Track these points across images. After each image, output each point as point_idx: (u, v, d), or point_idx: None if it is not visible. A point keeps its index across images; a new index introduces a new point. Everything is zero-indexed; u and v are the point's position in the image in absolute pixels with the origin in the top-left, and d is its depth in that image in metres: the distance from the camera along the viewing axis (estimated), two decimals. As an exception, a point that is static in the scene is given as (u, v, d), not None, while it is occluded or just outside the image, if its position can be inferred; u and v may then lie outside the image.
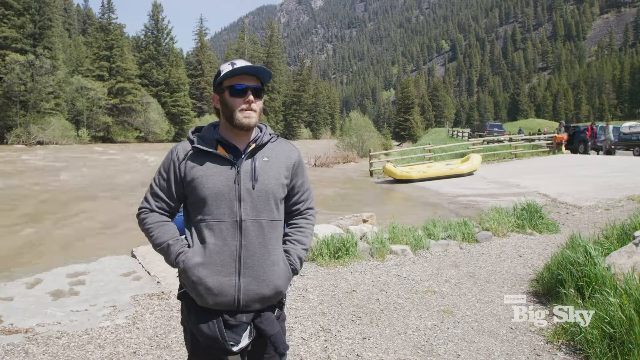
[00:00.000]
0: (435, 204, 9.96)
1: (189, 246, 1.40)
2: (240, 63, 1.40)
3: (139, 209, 1.47)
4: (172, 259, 1.39)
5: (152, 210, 1.45)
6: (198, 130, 1.49)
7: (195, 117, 61.45)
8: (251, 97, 1.39)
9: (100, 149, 35.71)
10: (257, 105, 1.41)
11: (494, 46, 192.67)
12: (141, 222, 1.45)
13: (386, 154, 21.01)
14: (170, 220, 1.47)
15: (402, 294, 3.81)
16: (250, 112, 1.39)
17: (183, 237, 1.44)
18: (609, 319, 2.58)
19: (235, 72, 1.38)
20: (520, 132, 37.88)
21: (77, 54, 54.82)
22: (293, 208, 1.53)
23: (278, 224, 1.45)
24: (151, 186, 1.47)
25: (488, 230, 5.93)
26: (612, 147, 19.73)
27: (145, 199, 1.47)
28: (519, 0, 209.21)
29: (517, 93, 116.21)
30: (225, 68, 1.41)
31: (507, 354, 2.75)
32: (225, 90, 1.40)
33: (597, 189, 9.48)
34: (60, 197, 11.74)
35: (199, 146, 1.40)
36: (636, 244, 3.46)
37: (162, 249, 1.40)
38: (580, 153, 20.89)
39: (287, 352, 1.48)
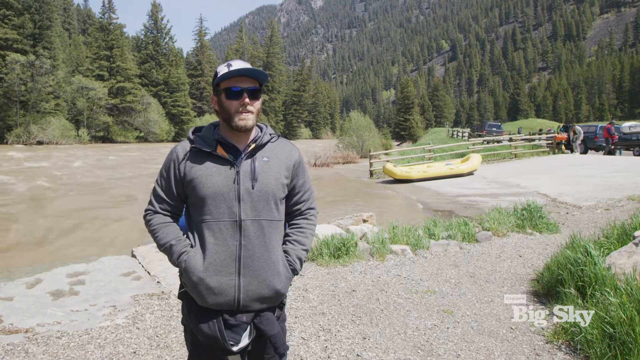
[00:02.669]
0: (435, 204, 9.96)
1: (191, 246, 1.40)
2: (237, 64, 1.39)
3: (145, 211, 1.49)
4: (174, 259, 1.39)
5: (156, 212, 1.46)
6: (198, 130, 1.50)
7: (195, 117, 61.47)
8: (247, 100, 1.38)
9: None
10: (254, 106, 1.41)
11: (494, 46, 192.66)
12: (147, 224, 1.47)
13: (386, 154, 21.00)
14: (173, 220, 1.48)
15: (402, 294, 3.81)
16: (247, 115, 1.39)
17: (185, 237, 1.45)
18: (609, 319, 2.58)
19: (231, 74, 1.38)
20: (519, 132, 37.97)
21: (77, 54, 54.87)
22: (294, 208, 1.53)
23: (278, 224, 1.45)
24: (154, 188, 1.48)
25: (488, 230, 5.93)
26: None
27: (150, 201, 1.49)
28: (519, 0, 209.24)
29: (517, 93, 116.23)
30: (222, 70, 1.41)
31: (507, 353, 2.75)
32: (222, 92, 1.41)
33: (597, 189, 9.47)
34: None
35: (198, 146, 1.40)
36: (636, 244, 3.46)
37: (166, 249, 1.41)
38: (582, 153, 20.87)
39: (287, 352, 1.48)
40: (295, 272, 1.46)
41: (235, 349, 1.34)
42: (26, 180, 14.91)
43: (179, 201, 1.46)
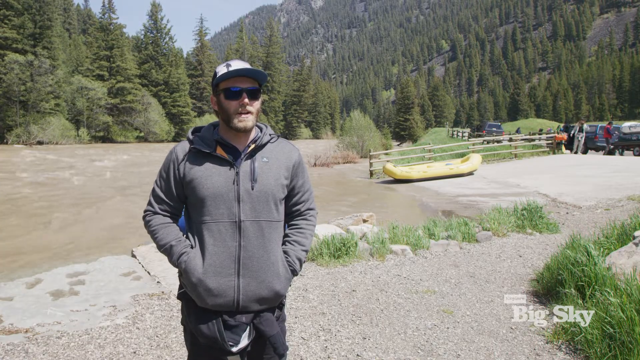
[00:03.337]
0: (435, 204, 9.96)
1: (192, 247, 1.40)
2: (236, 64, 1.39)
3: (144, 211, 1.49)
4: (174, 260, 1.39)
5: (156, 213, 1.46)
6: (198, 130, 1.49)
7: (195, 117, 61.43)
8: (246, 100, 1.38)
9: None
10: (254, 106, 1.41)
11: (494, 46, 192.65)
12: (146, 225, 1.47)
13: (386, 154, 21.00)
14: (173, 221, 1.47)
15: (402, 294, 3.81)
16: (246, 116, 1.39)
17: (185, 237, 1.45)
18: (609, 319, 2.58)
19: (230, 75, 1.38)
20: (517, 131, 38.03)
21: (77, 54, 54.85)
22: (293, 209, 1.53)
23: (278, 225, 1.45)
24: (153, 189, 1.48)
25: (488, 230, 5.93)
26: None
27: (149, 201, 1.48)
28: (519, 0, 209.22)
29: (517, 93, 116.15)
30: (221, 70, 1.40)
31: (507, 354, 2.75)
32: (221, 92, 1.40)
33: (597, 189, 9.47)
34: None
35: (198, 147, 1.40)
36: (636, 244, 3.46)
37: (166, 249, 1.41)
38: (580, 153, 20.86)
39: (287, 352, 1.48)
40: (294, 272, 1.46)
41: (234, 349, 1.34)
42: (85, 179, 15.02)
43: (179, 202, 1.46)
